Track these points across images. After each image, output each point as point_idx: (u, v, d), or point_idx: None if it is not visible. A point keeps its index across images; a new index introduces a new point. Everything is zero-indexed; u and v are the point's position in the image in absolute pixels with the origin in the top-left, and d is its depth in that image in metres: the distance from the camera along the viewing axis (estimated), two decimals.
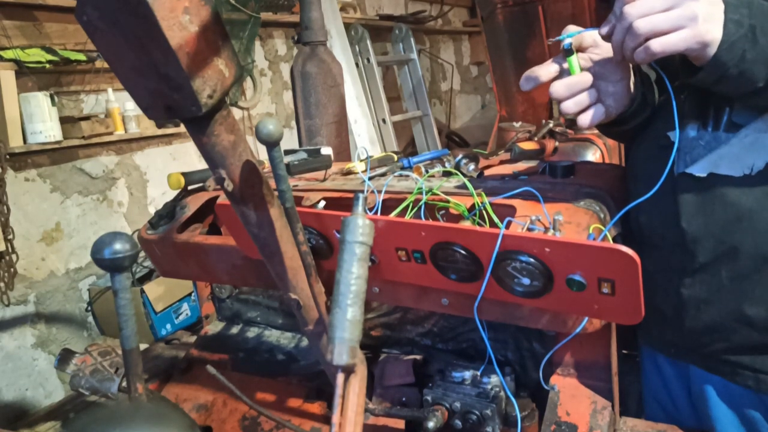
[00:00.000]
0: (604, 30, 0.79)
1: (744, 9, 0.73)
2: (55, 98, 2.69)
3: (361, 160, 1.20)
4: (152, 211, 3.30)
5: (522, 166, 1.20)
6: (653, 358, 1.11)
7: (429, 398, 1.00)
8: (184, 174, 1.30)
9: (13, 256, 2.61)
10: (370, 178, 1.10)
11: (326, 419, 1.13)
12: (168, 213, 1.27)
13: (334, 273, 0.68)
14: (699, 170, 0.87)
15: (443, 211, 1.01)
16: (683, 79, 0.81)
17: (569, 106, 0.85)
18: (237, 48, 3.56)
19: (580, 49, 0.88)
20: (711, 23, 0.73)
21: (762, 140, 0.83)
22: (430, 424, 0.94)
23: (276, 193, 0.75)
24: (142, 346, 1.22)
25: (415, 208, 0.99)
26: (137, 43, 0.55)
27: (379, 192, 1.05)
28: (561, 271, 0.76)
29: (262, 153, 1.48)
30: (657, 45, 0.73)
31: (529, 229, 0.87)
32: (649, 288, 0.78)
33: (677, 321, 0.96)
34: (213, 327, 1.49)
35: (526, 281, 0.80)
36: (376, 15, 5.29)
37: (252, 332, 1.44)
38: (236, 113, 3.94)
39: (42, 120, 2.63)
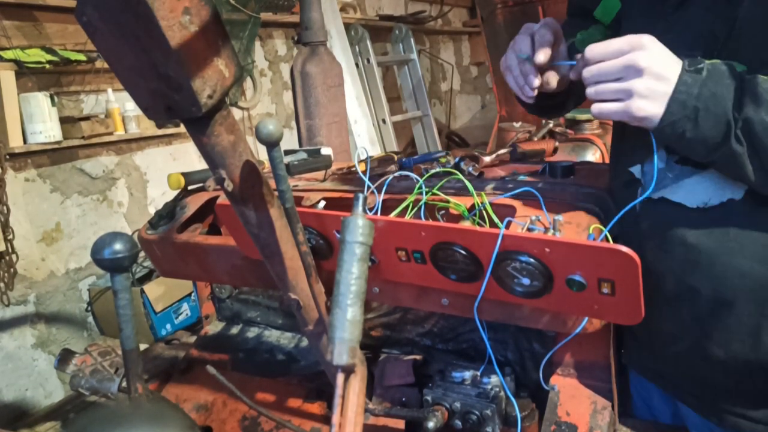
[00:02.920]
0: (573, 75, 0.87)
1: (695, 89, 0.74)
2: (55, 98, 2.69)
3: (361, 161, 1.20)
4: (152, 211, 3.30)
5: (522, 166, 1.20)
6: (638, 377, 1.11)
7: (429, 398, 1.00)
8: (184, 174, 1.30)
9: (13, 257, 2.61)
10: (370, 178, 1.10)
11: (326, 419, 1.13)
12: (168, 213, 1.27)
13: (334, 273, 0.68)
14: (653, 193, 0.87)
15: (443, 212, 1.01)
16: None
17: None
18: (237, 48, 3.56)
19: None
20: (647, 100, 0.75)
21: (725, 180, 0.82)
22: (430, 424, 0.94)
23: (276, 193, 0.75)
24: (142, 347, 1.23)
25: (415, 209, 0.99)
26: (137, 43, 0.55)
27: (379, 192, 1.05)
28: (561, 272, 0.76)
29: (262, 153, 1.47)
30: (595, 109, 0.80)
31: (529, 230, 0.87)
32: None
33: (650, 347, 0.97)
34: (213, 327, 1.49)
35: (526, 281, 0.80)
36: (376, 15, 5.29)
37: (252, 332, 1.44)
38: (236, 113, 3.94)
39: (42, 120, 2.62)
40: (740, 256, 0.80)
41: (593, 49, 0.79)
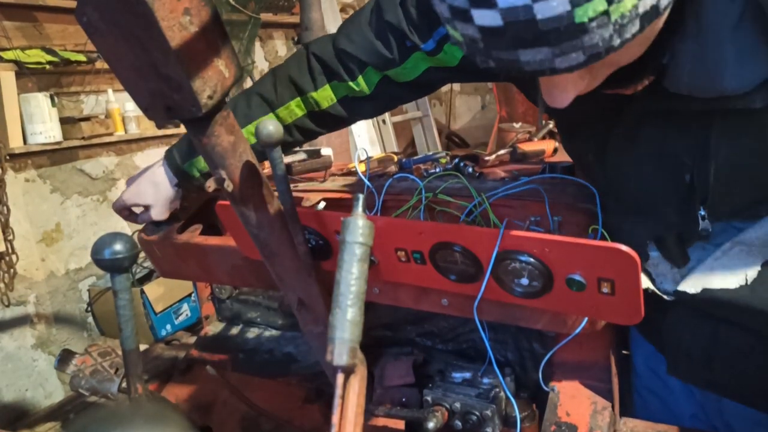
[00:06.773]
0: None
1: None
2: (55, 99, 2.69)
3: (361, 161, 1.20)
4: None
5: (522, 166, 1.20)
6: (644, 358, 1.10)
7: (429, 399, 1.00)
8: None
9: (13, 257, 2.61)
10: (370, 179, 1.10)
11: (326, 420, 1.13)
12: None
13: (334, 273, 0.68)
14: (692, 287, 0.85)
15: (442, 211, 1.01)
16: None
17: None
18: (237, 49, 3.56)
19: None
20: None
21: (746, 252, 0.82)
22: (430, 425, 0.94)
23: (276, 193, 0.75)
24: (142, 347, 1.22)
25: (416, 210, 0.99)
26: (137, 43, 0.55)
27: (379, 193, 1.05)
28: (561, 271, 0.76)
29: None
30: None
31: (528, 229, 0.87)
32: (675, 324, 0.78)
33: (709, 364, 0.93)
34: (213, 327, 1.49)
35: (525, 281, 0.80)
36: None
37: (252, 333, 1.44)
38: None
39: (42, 121, 2.63)
40: None
41: None
